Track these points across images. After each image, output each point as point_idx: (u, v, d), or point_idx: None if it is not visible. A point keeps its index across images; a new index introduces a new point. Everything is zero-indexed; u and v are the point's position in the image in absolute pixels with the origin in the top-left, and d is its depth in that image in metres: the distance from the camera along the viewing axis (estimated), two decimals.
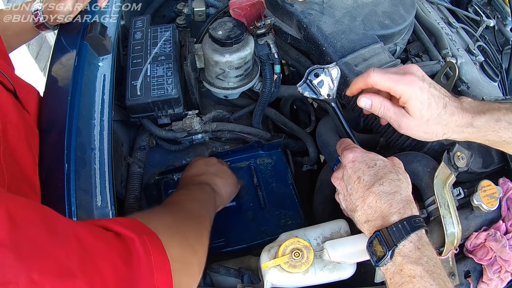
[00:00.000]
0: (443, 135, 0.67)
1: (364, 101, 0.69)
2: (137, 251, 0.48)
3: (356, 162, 0.64)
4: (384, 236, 0.57)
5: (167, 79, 0.93)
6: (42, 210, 0.43)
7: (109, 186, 0.74)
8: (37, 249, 0.38)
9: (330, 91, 0.72)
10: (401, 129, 0.67)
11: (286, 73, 1.28)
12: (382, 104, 0.68)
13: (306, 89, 0.72)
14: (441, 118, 0.65)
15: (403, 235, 0.56)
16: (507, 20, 1.33)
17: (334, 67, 0.72)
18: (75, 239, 0.42)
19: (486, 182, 0.71)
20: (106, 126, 0.80)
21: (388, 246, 0.56)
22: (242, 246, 0.92)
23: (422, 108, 0.65)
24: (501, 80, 1.11)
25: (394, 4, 0.95)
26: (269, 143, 1.07)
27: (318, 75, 0.72)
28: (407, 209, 0.59)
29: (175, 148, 1.05)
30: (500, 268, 0.70)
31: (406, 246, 0.56)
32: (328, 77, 0.72)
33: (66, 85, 0.81)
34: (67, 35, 0.91)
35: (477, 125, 0.66)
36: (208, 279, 0.77)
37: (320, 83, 0.72)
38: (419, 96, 0.64)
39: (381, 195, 0.60)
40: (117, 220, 0.52)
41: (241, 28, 0.91)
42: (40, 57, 2.57)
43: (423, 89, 0.64)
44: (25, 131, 0.70)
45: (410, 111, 0.66)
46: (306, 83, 0.72)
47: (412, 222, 0.57)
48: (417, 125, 0.66)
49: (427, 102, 0.64)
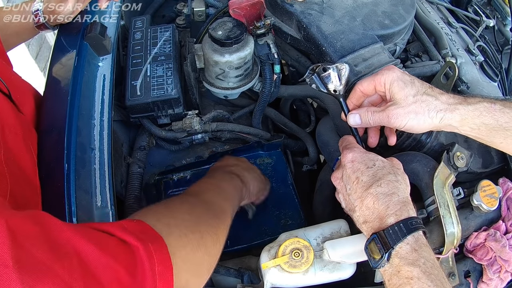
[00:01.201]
0: (436, 114, 0.64)
1: (352, 117, 0.71)
2: (141, 260, 0.47)
3: (355, 162, 0.64)
4: (381, 238, 0.57)
5: (167, 79, 0.93)
6: (43, 223, 0.42)
7: (109, 186, 0.74)
8: (40, 268, 0.38)
9: (337, 87, 0.72)
10: (390, 120, 0.66)
11: (286, 73, 1.28)
12: (368, 110, 0.69)
13: (314, 81, 0.72)
14: (429, 95, 0.65)
15: (400, 237, 0.56)
16: (507, 20, 1.33)
17: (343, 64, 0.73)
18: (76, 254, 0.41)
19: (486, 182, 0.71)
20: (106, 126, 0.80)
21: (384, 248, 0.57)
22: (242, 246, 0.92)
23: (405, 87, 0.65)
24: (500, 80, 1.11)
25: (394, 4, 0.95)
26: (269, 143, 1.07)
27: (326, 69, 0.72)
28: (404, 211, 0.59)
29: (175, 148, 1.05)
30: (500, 268, 0.70)
31: (403, 248, 0.56)
32: (337, 72, 0.72)
33: (66, 85, 0.81)
34: (67, 35, 0.91)
35: (471, 102, 0.65)
36: (208, 279, 0.77)
37: (328, 77, 0.72)
38: (401, 76, 0.67)
39: (378, 197, 0.60)
40: (122, 225, 0.50)
41: (241, 28, 0.91)
42: (40, 57, 2.57)
43: (404, 73, 0.68)
44: (22, 133, 0.70)
45: (396, 93, 0.66)
46: (314, 75, 0.72)
47: (408, 224, 0.57)
48: (406, 111, 0.65)
49: (409, 81, 0.66)
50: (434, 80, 0.85)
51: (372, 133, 0.76)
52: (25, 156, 0.69)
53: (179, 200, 0.70)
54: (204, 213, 0.66)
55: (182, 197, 0.72)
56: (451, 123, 0.65)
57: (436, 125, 0.65)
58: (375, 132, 0.76)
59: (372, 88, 0.70)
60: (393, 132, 0.75)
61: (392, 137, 0.75)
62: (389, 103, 0.67)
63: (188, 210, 0.65)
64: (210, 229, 0.63)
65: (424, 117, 0.64)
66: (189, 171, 1.04)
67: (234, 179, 0.83)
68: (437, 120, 0.64)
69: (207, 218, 0.66)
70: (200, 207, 0.68)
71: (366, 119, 0.69)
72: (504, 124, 0.63)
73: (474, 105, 0.64)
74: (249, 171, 0.90)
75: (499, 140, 0.65)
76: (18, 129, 0.69)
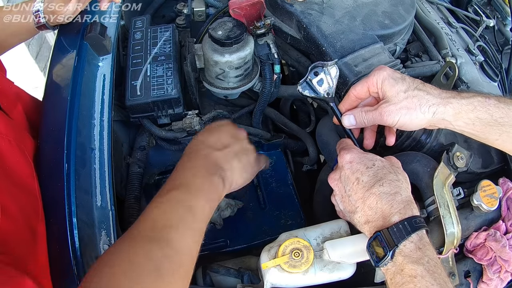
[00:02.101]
0: (429, 109, 0.63)
1: (347, 118, 0.71)
2: None
3: (354, 163, 0.64)
4: (385, 236, 0.57)
5: (167, 79, 0.93)
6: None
7: (109, 186, 0.74)
8: None
9: (329, 89, 0.72)
10: (383, 117, 0.66)
11: (286, 73, 1.28)
12: (362, 110, 0.69)
13: (306, 88, 0.72)
14: (421, 90, 0.65)
15: (404, 235, 0.56)
16: (507, 20, 1.33)
17: (333, 65, 0.72)
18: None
19: (486, 182, 0.71)
20: (106, 126, 0.80)
21: (389, 246, 0.56)
22: (242, 246, 0.92)
23: (396, 84, 0.66)
24: (501, 80, 1.11)
25: (394, 4, 0.96)
26: (269, 143, 1.07)
27: (317, 73, 0.72)
28: (408, 209, 0.59)
29: (175, 148, 1.05)
30: (500, 268, 0.70)
31: (407, 246, 0.56)
32: (328, 75, 0.72)
33: (66, 85, 0.81)
34: (67, 35, 0.91)
35: (465, 96, 0.64)
36: (208, 279, 0.77)
37: (320, 81, 0.72)
38: (391, 74, 0.67)
39: (381, 196, 0.59)
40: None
41: (241, 28, 0.91)
42: (40, 57, 2.57)
43: (394, 71, 0.68)
44: (15, 138, 0.70)
45: (387, 91, 0.66)
46: (306, 81, 0.72)
47: (413, 222, 0.57)
48: (398, 107, 0.65)
49: (400, 78, 0.67)
50: (434, 80, 0.85)
51: (368, 135, 0.76)
52: (20, 161, 0.69)
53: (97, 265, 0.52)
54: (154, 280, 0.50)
55: (104, 256, 0.53)
56: (445, 117, 0.64)
57: (429, 120, 0.65)
58: (371, 134, 0.76)
59: (366, 91, 0.70)
60: (392, 132, 0.75)
61: (390, 137, 0.75)
62: (382, 101, 0.67)
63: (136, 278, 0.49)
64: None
65: (416, 112, 0.64)
66: None
67: (212, 179, 0.63)
68: (430, 115, 0.64)
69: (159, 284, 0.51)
70: (150, 275, 0.50)
71: (361, 118, 0.69)
72: (499, 119, 0.63)
73: (468, 99, 0.64)
74: (241, 158, 0.69)
75: (495, 137, 0.64)
76: (10, 136, 0.69)
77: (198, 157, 0.67)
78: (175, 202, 0.59)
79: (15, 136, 0.70)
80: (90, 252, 0.68)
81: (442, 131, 0.79)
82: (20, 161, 0.69)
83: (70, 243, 0.66)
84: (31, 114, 0.85)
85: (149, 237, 0.54)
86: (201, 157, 0.66)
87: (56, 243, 0.67)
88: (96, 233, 0.70)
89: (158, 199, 0.60)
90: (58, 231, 0.67)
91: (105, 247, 0.69)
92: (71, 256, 0.65)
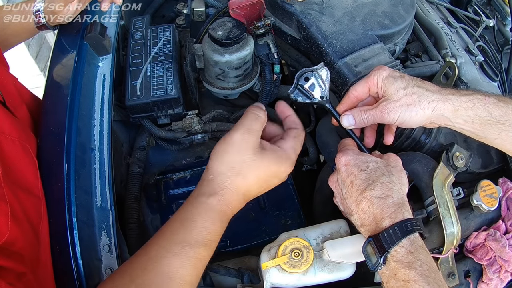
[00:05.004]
0: (428, 105, 0.64)
1: (346, 119, 0.71)
2: None
3: (349, 166, 0.64)
4: (377, 241, 0.57)
5: (167, 79, 0.93)
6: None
7: (109, 186, 0.74)
8: None
9: (323, 92, 0.71)
10: (384, 115, 0.66)
11: (286, 73, 1.28)
12: (361, 110, 0.69)
13: (299, 95, 0.71)
14: (420, 87, 0.65)
15: (394, 241, 0.56)
16: (507, 20, 1.33)
17: (323, 68, 0.71)
18: None
19: (485, 182, 0.71)
20: (106, 126, 0.80)
21: (380, 252, 0.57)
22: (242, 246, 0.92)
23: (395, 81, 0.66)
24: (500, 80, 1.11)
25: (394, 4, 0.96)
26: None
27: (308, 78, 0.71)
28: (399, 213, 0.58)
29: (175, 148, 1.05)
30: (500, 268, 0.70)
31: (398, 251, 0.56)
32: (319, 79, 0.71)
33: (66, 85, 0.81)
34: (67, 35, 0.91)
35: (465, 94, 0.64)
36: (208, 279, 0.77)
37: (312, 86, 0.71)
38: (390, 73, 0.68)
39: (373, 200, 0.59)
40: None
41: (241, 28, 0.91)
42: (40, 57, 2.57)
43: (393, 70, 0.69)
44: (18, 137, 0.70)
45: (387, 89, 0.66)
46: (297, 88, 0.71)
47: (403, 226, 0.56)
48: (398, 105, 0.65)
49: (399, 76, 0.67)
50: (434, 80, 0.85)
51: (368, 133, 0.76)
52: (24, 160, 0.69)
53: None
54: None
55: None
56: (444, 113, 0.64)
57: (429, 117, 0.65)
58: (371, 132, 0.76)
59: (366, 90, 0.70)
60: (391, 131, 0.75)
61: (389, 136, 0.75)
62: (382, 99, 0.67)
63: None
64: None
65: (416, 108, 0.64)
66: (189, 171, 1.04)
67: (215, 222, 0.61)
68: (429, 111, 0.64)
69: None
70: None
71: (360, 118, 0.69)
72: (498, 117, 0.63)
73: (467, 96, 0.64)
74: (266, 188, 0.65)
75: (494, 136, 0.64)
76: (14, 135, 0.69)
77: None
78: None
79: (19, 135, 0.70)
80: (90, 252, 0.68)
81: (442, 131, 0.79)
82: (24, 161, 0.69)
83: (70, 243, 0.66)
84: (34, 112, 0.85)
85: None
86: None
87: (56, 243, 0.67)
88: (96, 233, 0.70)
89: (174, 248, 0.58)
90: (58, 231, 0.67)
91: (105, 247, 0.69)
92: (71, 256, 0.65)
